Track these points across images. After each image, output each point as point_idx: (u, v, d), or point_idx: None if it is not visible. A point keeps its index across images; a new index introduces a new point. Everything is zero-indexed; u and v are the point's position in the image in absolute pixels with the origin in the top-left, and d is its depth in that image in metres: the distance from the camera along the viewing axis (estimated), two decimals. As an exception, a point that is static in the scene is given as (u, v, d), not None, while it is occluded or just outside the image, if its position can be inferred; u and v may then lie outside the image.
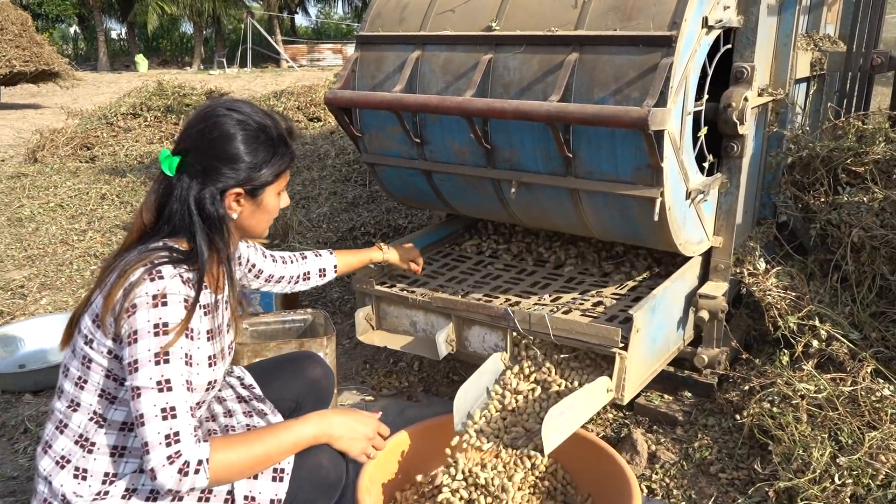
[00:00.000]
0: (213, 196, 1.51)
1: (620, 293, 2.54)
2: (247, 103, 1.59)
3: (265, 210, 1.61)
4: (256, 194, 1.58)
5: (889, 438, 2.14)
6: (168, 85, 8.34)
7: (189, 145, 1.53)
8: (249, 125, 1.54)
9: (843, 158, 2.87)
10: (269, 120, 1.58)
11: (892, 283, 2.59)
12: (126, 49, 29.41)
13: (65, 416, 1.51)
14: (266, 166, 1.55)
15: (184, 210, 1.51)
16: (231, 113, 1.54)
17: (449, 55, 2.46)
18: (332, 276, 2.24)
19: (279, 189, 1.63)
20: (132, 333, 1.38)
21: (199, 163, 1.51)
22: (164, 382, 1.37)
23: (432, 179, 2.71)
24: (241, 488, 1.52)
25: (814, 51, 3.03)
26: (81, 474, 1.48)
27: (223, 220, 1.54)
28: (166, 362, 1.38)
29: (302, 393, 1.95)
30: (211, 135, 1.51)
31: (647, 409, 2.63)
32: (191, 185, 1.51)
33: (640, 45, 2.06)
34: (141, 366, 1.37)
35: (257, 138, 1.54)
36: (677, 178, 2.21)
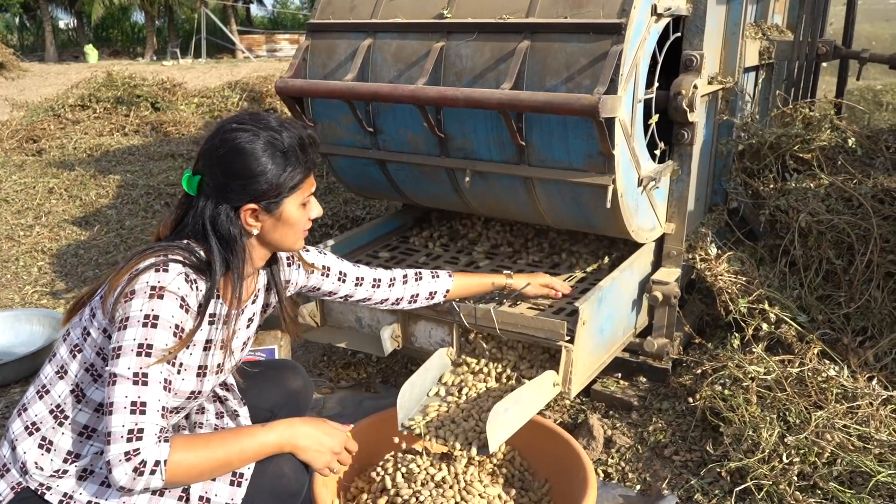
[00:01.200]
0: (227, 214, 1.50)
1: (571, 284, 2.56)
2: (259, 115, 1.56)
3: (288, 223, 1.56)
4: (273, 208, 1.53)
5: (834, 417, 2.19)
6: (118, 76, 8.13)
7: (204, 164, 1.53)
8: (259, 139, 1.50)
9: (790, 145, 2.94)
10: (284, 131, 1.53)
11: (838, 267, 2.66)
12: (75, 39, 28.63)
13: (49, 382, 1.51)
14: (279, 179, 1.50)
15: (199, 228, 1.50)
16: (241, 127, 1.51)
17: (401, 43, 2.44)
18: (442, 299, 2.13)
19: (301, 200, 1.57)
20: (124, 319, 1.38)
21: (213, 181, 1.50)
22: (140, 375, 1.35)
23: (387, 169, 2.69)
24: (196, 488, 1.49)
25: (762, 40, 3.09)
26: (47, 446, 1.48)
27: (238, 239, 1.52)
28: (147, 356, 1.36)
29: (279, 403, 1.92)
30: (219, 152, 1.50)
31: (603, 394, 2.66)
32: (206, 205, 1.50)
33: (590, 33, 2.07)
34: (123, 353, 1.36)
35: (266, 151, 1.50)
36: (629, 165, 2.23)
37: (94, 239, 4.65)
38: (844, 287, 2.65)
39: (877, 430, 2.16)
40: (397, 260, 2.86)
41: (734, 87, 2.77)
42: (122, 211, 5.14)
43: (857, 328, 2.58)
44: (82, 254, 4.42)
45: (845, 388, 2.32)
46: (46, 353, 3.05)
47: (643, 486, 2.26)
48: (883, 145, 3.14)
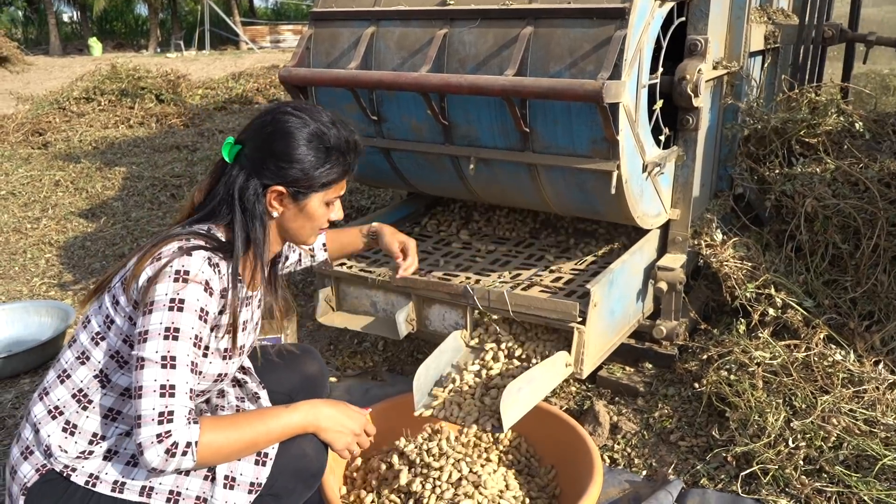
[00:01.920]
0: (255, 190, 1.52)
1: (580, 268, 2.56)
2: (316, 108, 1.58)
3: (308, 216, 1.58)
4: (300, 198, 1.55)
5: (840, 402, 2.19)
6: (122, 68, 8.13)
7: (248, 136, 1.55)
8: (307, 127, 1.52)
9: (796, 130, 2.92)
10: (334, 128, 1.55)
11: (844, 252, 2.65)
12: (79, 32, 28.62)
13: (70, 367, 1.52)
14: (314, 171, 1.52)
15: (227, 196, 1.52)
16: (295, 112, 1.53)
17: (404, 30, 2.44)
18: (323, 255, 2.12)
19: (328, 199, 1.59)
20: (149, 303, 1.39)
21: (252, 154, 1.52)
22: (168, 359, 1.37)
23: (391, 157, 2.69)
24: (222, 468, 1.52)
25: (768, 24, 3.06)
26: (71, 429, 1.49)
27: (261, 216, 1.53)
28: (175, 339, 1.38)
29: (296, 388, 1.94)
30: (267, 129, 1.52)
31: (609, 381, 2.66)
32: (239, 175, 1.52)
33: (594, 18, 2.06)
34: (150, 337, 1.37)
35: (310, 142, 1.52)
36: (633, 151, 2.22)
37: (101, 231, 4.67)
38: (851, 271, 2.64)
39: (883, 414, 2.16)
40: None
41: (739, 71, 2.76)
42: (128, 203, 5.15)
43: (863, 312, 2.57)
44: (89, 245, 4.44)
45: (851, 372, 2.32)
46: (55, 344, 3.07)
47: (649, 471, 2.27)
48: (890, 129, 3.12)
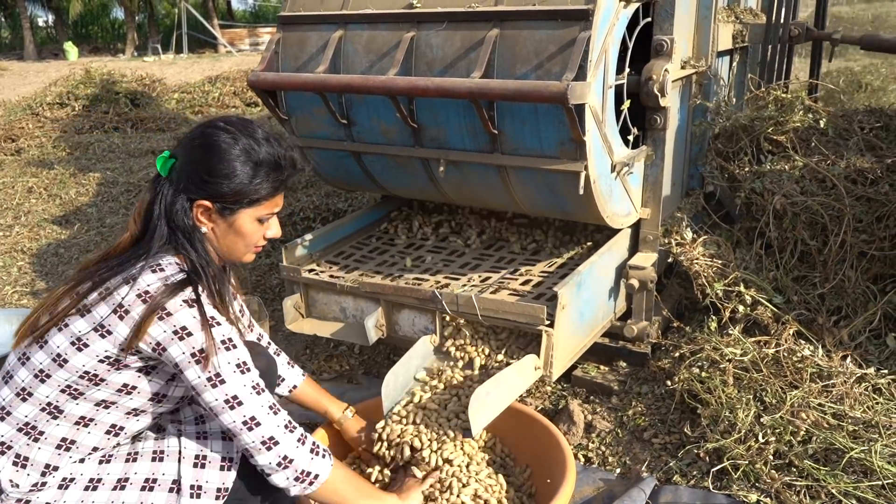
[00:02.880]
0: (182, 205, 1.51)
1: (550, 270, 2.57)
2: (249, 123, 1.57)
3: (238, 233, 1.56)
4: (227, 213, 1.54)
5: (809, 396, 2.22)
6: (96, 72, 8.06)
7: (179, 150, 1.54)
8: (237, 143, 1.50)
9: (764, 128, 2.95)
10: (266, 145, 1.54)
11: (812, 248, 2.68)
12: (54, 37, 28.31)
13: (9, 404, 1.49)
14: (241, 187, 1.50)
15: (161, 214, 1.51)
16: (225, 127, 1.52)
17: (371, 34, 2.44)
18: (286, 392, 2.06)
19: (259, 215, 1.57)
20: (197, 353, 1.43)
21: (181, 168, 1.51)
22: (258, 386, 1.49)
23: (362, 161, 2.69)
24: (187, 476, 1.51)
25: (735, 23, 3.09)
26: (22, 462, 1.47)
27: (193, 232, 1.52)
28: (248, 371, 1.48)
29: None
30: (195, 143, 1.52)
31: (583, 380, 2.68)
32: (169, 190, 1.51)
33: (558, 20, 2.07)
34: (227, 379, 1.45)
35: (238, 157, 1.50)
36: (601, 151, 2.24)
37: (75, 237, 4.62)
38: (819, 268, 2.67)
39: (851, 408, 2.19)
40: (381, 250, 2.86)
41: (707, 71, 2.78)
42: (102, 209, 5.10)
43: (831, 308, 2.60)
44: (63, 253, 4.39)
45: (820, 367, 2.35)
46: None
47: (623, 469, 2.28)
48: (857, 125, 3.16)
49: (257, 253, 1.66)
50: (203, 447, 1.56)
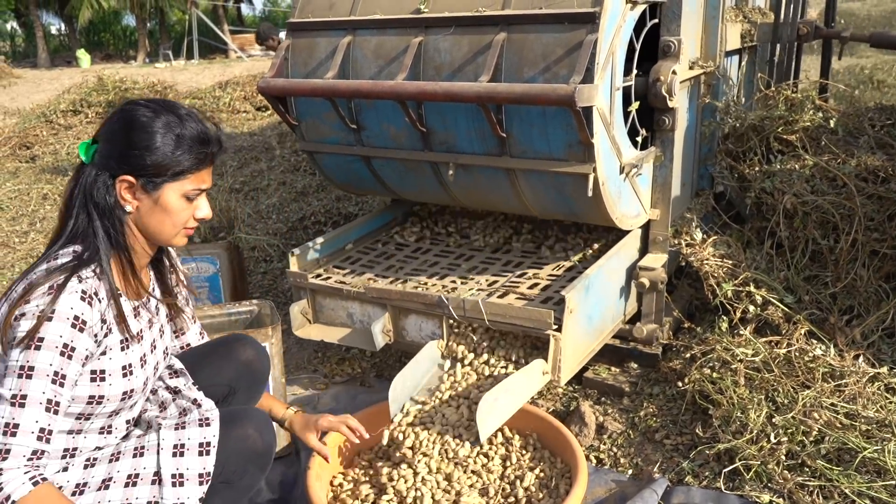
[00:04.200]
0: (105, 182, 1.47)
1: (558, 273, 2.57)
2: (171, 102, 1.55)
3: (165, 210, 1.52)
4: (151, 189, 1.49)
5: (821, 396, 2.21)
6: (108, 79, 8.14)
7: (100, 133, 1.51)
8: (158, 117, 1.49)
9: (774, 127, 2.95)
10: (189, 120, 1.52)
11: (824, 248, 2.67)
12: (67, 45, 28.58)
13: None
14: (163, 158, 1.48)
15: (82, 197, 1.47)
16: (145, 104, 1.51)
17: (380, 39, 2.45)
18: None
19: (184, 191, 1.52)
20: (10, 340, 1.36)
21: (103, 150, 1.49)
22: (18, 397, 1.33)
23: (372, 165, 2.70)
24: (167, 466, 1.51)
25: (743, 23, 3.09)
26: None
27: (114, 210, 1.48)
28: (28, 377, 1.34)
29: (234, 377, 1.89)
30: (116, 123, 1.50)
31: (594, 381, 2.68)
32: (91, 173, 1.48)
33: (565, 23, 2.08)
34: (7, 374, 1.34)
35: (158, 130, 1.48)
36: (609, 153, 2.24)
37: (89, 244, 4.66)
38: (830, 267, 2.66)
39: (863, 408, 2.18)
40: (388, 254, 2.87)
41: (716, 71, 2.78)
42: (115, 215, 5.14)
43: (843, 307, 2.59)
44: (77, 259, 4.43)
45: (832, 366, 2.34)
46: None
47: (635, 470, 2.28)
48: (867, 123, 3.15)
49: (189, 236, 1.61)
50: (180, 436, 1.56)
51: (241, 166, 5.83)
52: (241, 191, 5.25)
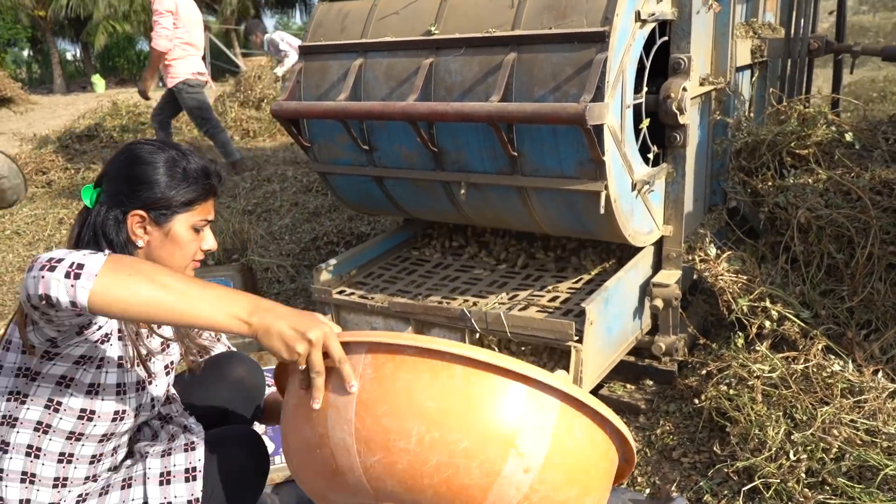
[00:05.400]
0: (116, 218, 1.50)
1: (577, 287, 2.57)
2: (172, 142, 1.61)
3: (175, 242, 1.55)
4: (162, 221, 1.53)
5: (840, 412, 2.19)
6: (122, 104, 8.25)
7: (105, 175, 1.55)
8: (162, 152, 1.54)
9: (786, 142, 2.94)
10: (188, 155, 1.57)
11: (839, 262, 2.65)
12: (82, 70, 29.00)
13: None
14: (172, 190, 1.52)
15: (92, 237, 1.50)
16: (148, 142, 1.56)
17: (391, 61, 2.48)
18: None
19: (193, 222, 1.56)
20: None
21: (109, 189, 1.52)
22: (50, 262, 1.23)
23: (384, 185, 2.72)
24: (154, 496, 1.50)
25: (753, 38, 3.10)
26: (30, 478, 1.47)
27: (126, 246, 1.51)
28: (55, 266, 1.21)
29: (228, 397, 1.87)
30: (122, 162, 1.54)
31: (610, 399, 2.66)
32: (99, 212, 1.51)
33: (574, 42, 2.10)
34: None
35: (164, 164, 1.53)
36: (621, 170, 2.24)
37: (104, 267, 4.70)
38: (847, 281, 2.64)
39: (884, 424, 2.15)
40: (409, 270, 2.89)
41: (726, 87, 2.78)
42: (130, 238, 5.19)
43: (861, 321, 2.57)
44: (93, 282, 4.47)
45: (851, 382, 2.31)
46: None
47: (652, 489, 2.26)
48: (881, 137, 3.13)
49: (196, 269, 1.63)
50: (166, 464, 1.54)
51: (253, 188, 5.88)
52: (253, 212, 5.28)
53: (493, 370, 1.20)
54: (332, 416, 1.23)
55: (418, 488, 1.20)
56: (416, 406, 1.18)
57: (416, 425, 1.18)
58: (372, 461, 1.20)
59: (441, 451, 1.17)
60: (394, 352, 1.22)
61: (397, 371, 1.21)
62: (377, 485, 1.22)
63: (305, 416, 1.26)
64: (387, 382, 1.21)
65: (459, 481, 1.18)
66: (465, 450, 1.18)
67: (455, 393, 1.19)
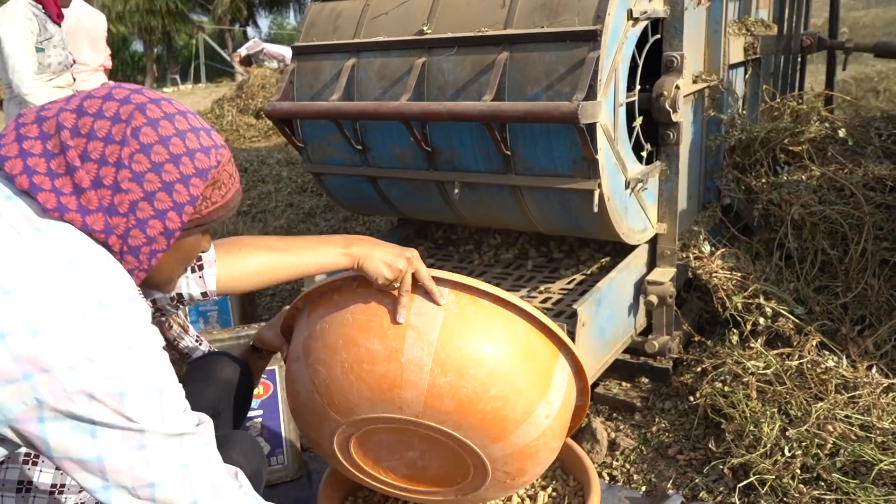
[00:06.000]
0: None
1: (569, 287, 2.57)
2: None
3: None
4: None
5: (835, 408, 2.19)
6: (117, 106, 8.23)
7: None
8: None
9: (780, 139, 2.95)
10: None
11: (833, 258, 2.66)
12: (77, 72, 28.90)
13: None
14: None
15: None
16: None
17: (384, 61, 2.48)
18: None
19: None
20: None
21: None
22: None
23: (378, 185, 2.72)
24: None
25: (746, 36, 3.10)
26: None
27: None
28: None
29: (216, 398, 1.80)
30: None
31: (605, 397, 2.67)
32: None
33: (567, 41, 2.10)
34: None
35: None
36: (614, 168, 2.25)
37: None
38: (841, 277, 2.65)
39: (878, 419, 2.16)
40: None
41: (720, 84, 2.79)
42: (125, 240, 5.18)
43: (855, 317, 2.57)
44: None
45: (845, 378, 2.32)
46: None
47: (648, 486, 2.26)
48: (874, 133, 3.14)
49: None
50: None
51: (248, 189, 5.87)
52: (248, 213, 5.28)
53: (549, 335, 1.50)
54: (411, 335, 1.40)
55: (470, 412, 1.41)
56: (493, 343, 1.41)
57: (489, 358, 1.40)
58: (442, 381, 1.39)
59: (502, 385, 1.41)
60: (476, 295, 1.44)
61: (478, 312, 1.42)
62: (434, 402, 1.41)
63: (377, 330, 1.41)
64: (469, 318, 1.41)
65: (505, 413, 1.42)
66: (519, 388, 1.43)
67: (520, 341, 1.45)
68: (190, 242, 1.17)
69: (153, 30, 24.32)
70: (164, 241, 1.07)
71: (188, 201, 1.07)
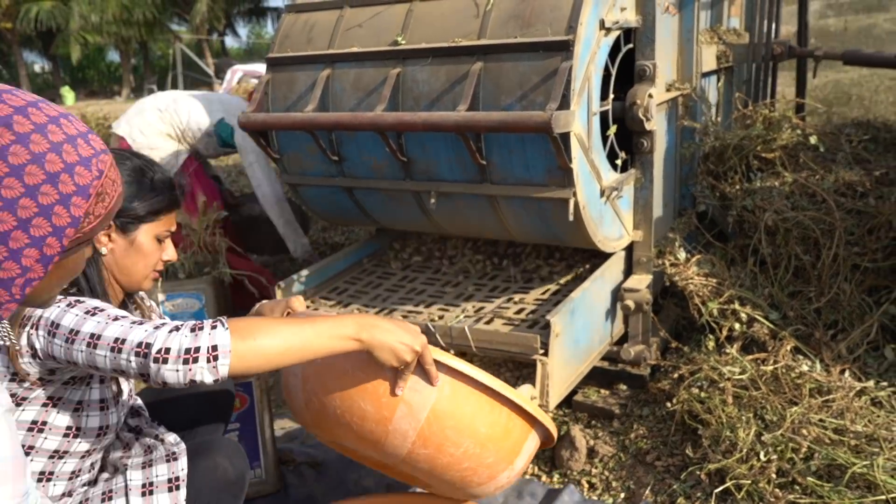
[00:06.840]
0: None
1: (544, 298, 2.58)
2: (140, 154, 1.65)
3: (139, 251, 1.58)
4: (128, 230, 1.56)
5: (809, 412, 2.22)
6: (92, 117, 8.14)
7: None
8: (127, 162, 1.57)
9: (753, 146, 2.98)
10: (154, 166, 1.61)
11: (806, 263, 2.69)
12: (51, 83, 28.63)
13: None
14: (137, 200, 1.55)
15: None
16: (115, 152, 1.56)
17: (359, 72, 2.48)
18: None
19: (156, 232, 1.60)
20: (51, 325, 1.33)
21: None
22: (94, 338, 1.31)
23: (354, 196, 2.71)
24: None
25: (718, 44, 3.14)
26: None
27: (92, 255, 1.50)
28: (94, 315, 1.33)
29: (195, 408, 1.88)
30: None
31: (584, 405, 2.67)
32: None
33: (539, 51, 2.11)
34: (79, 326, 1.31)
35: (131, 173, 1.56)
36: (589, 177, 2.26)
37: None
38: (814, 282, 2.68)
39: (852, 423, 2.18)
40: (374, 284, 2.87)
41: (693, 92, 2.82)
42: (101, 252, 5.12)
43: (828, 322, 2.61)
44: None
45: (819, 382, 2.35)
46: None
47: (627, 493, 2.27)
48: (844, 140, 3.19)
49: (156, 279, 1.67)
50: (148, 475, 1.54)
51: (226, 199, 5.83)
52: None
53: (527, 418, 1.65)
54: (402, 409, 1.50)
55: (440, 476, 1.60)
56: (474, 428, 1.55)
57: (467, 441, 1.55)
58: (421, 452, 1.54)
59: (473, 460, 1.58)
60: (469, 383, 1.54)
61: (468, 398, 1.54)
62: (410, 462, 1.57)
63: (372, 394, 1.51)
64: (459, 403, 1.53)
65: (471, 478, 1.61)
66: (489, 463, 1.60)
67: (500, 426, 1.60)
68: (73, 260, 1.06)
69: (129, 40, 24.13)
70: (40, 269, 0.95)
71: (69, 223, 0.95)
